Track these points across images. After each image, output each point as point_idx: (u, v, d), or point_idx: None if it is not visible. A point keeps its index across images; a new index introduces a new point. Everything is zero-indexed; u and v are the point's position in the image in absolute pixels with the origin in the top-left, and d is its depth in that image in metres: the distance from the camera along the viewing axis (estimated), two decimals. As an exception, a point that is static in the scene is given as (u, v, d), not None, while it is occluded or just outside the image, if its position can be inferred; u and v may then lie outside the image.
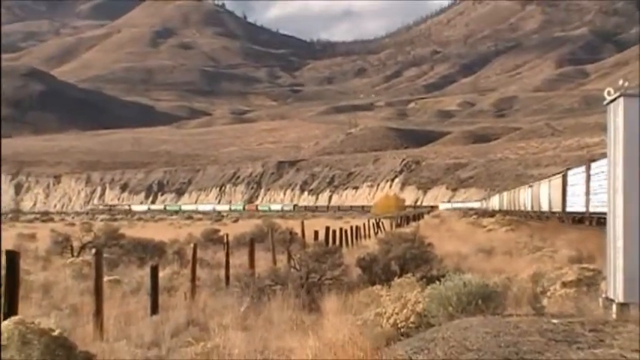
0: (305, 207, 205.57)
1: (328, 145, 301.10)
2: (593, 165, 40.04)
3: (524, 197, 77.40)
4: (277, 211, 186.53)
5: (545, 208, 59.84)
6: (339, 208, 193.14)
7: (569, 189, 48.67)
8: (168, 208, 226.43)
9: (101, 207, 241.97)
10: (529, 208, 70.61)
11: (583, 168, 43.35)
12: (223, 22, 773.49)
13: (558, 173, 56.97)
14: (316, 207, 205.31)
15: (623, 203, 11.14)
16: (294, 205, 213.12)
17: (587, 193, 41.08)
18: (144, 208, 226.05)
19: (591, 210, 40.04)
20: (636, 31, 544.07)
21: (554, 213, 54.74)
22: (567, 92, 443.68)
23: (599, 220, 36.78)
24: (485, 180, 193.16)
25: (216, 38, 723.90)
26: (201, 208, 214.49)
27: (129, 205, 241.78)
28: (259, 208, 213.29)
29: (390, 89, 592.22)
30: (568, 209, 48.58)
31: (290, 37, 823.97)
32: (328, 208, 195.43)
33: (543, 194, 61.08)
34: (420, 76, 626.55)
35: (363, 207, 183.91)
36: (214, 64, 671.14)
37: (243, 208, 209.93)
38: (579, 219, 44.21)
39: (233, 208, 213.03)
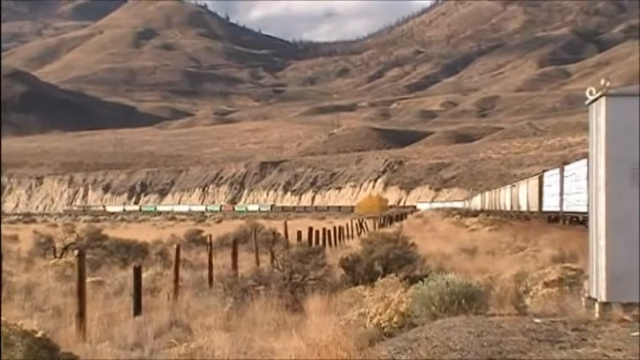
0: (282, 207, 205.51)
1: (311, 146, 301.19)
2: (567, 167, 42.56)
3: (504, 197, 79.82)
4: (254, 211, 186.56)
5: (524, 207, 62.31)
6: (315, 209, 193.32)
7: (545, 190, 50.91)
8: (143, 208, 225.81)
9: (75, 208, 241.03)
10: (509, 208, 72.86)
11: (557, 170, 45.87)
12: (206, 23, 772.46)
13: (535, 175, 59.51)
14: (294, 207, 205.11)
15: (605, 202, 11.17)
16: (272, 206, 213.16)
17: (561, 193, 43.50)
18: (119, 208, 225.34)
19: (565, 209, 42.55)
20: (617, 30, 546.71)
21: (532, 212, 56.88)
22: (549, 92, 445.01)
23: (571, 219, 40.13)
24: (468, 180, 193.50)
25: (198, 39, 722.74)
26: (177, 208, 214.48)
27: (103, 206, 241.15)
28: (236, 208, 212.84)
29: (372, 89, 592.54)
30: (544, 209, 50.92)
31: (272, 38, 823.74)
32: (305, 209, 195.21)
33: (522, 195, 63.50)
34: (402, 76, 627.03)
35: (339, 207, 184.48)
36: (197, 64, 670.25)
37: (220, 209, 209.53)
38: (554, 218, 46.43)
39: (209, 208, 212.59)
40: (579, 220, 37.27)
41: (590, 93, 11.59)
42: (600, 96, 11.37)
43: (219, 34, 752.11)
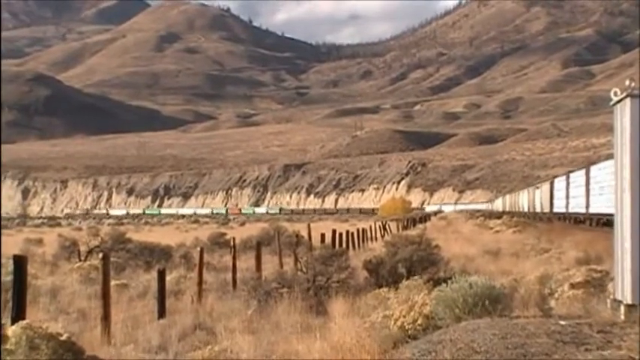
0: (292, 210, 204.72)
1: (334, 148, 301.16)
2: (572, 175, 50.59)
3: (522, 200, 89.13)
4: (262, 214, 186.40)
5: (538, 209, 70.02)
6: (325, 211, 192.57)
7: (555, 194, 58.88)
8: (147, 212, 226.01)
9: (78, 212, 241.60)
10: (526, 209, 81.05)
11: (564, 177, 54.28)
12: (228, 26, 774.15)
13: (547, 181, 69.29)
14: (303, 210, 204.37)
15: (631, 204, 11.10)
16: (280, 209, 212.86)
17: (567, 197, 51.41)
18: (122, 212, 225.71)
19: (570, 210, 50.13)
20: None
21: (545, 213, 64.25)
22: (573, 93, 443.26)
23: (576, 219, 47.92)
24: (491, 181, 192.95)
25: (221, 42, 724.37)
26: (181, 211, 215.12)
27: (107, 209, 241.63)
28: (243, 211, 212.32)
29: (395, 92, 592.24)
30: (555, 210, 58.39)
31: (295, 41, 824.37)
32: (315, 211, 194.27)
33: (537, 198, 71.76)
34: (425, 78, 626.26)
35: (360, 210, 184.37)
36: (219, 67, 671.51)
37: (226, 212, 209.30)
38: (562, 217, 53.96)
39: (215, 211, 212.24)
40: (581, 220, 45.42)
41: (615, 94, 11.53)
42: (625, 97, 11.30)
43: (242, 37, 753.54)
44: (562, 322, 10.71)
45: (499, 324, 10.62)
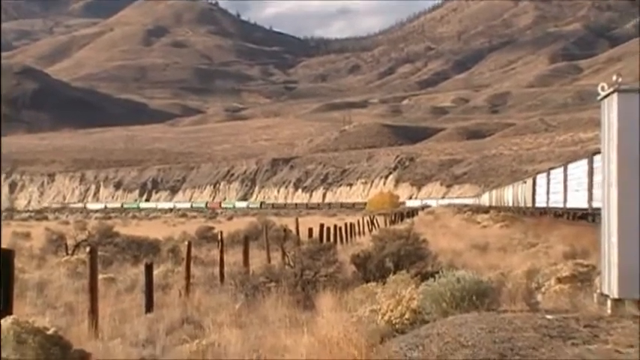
0: (272, 205, 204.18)
1: (322, 143, 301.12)
2: (552, 172, 53.42)
3: (507, 195, 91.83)
4: (242, 208, 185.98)
5: (522, 204, 72.68)
6: (307, 206, 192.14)
7: (537, 190, 61.57)
8: (125, 206, 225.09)
9: (54, 205, 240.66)
10: (511, 204, 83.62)
11: (545, 174, 57.32)
12: (216, 20, 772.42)
13: (529, 177, 71.60)
14: (285, 204, 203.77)
15: (618, 199, 11.14)
16: (261, 203, 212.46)
17: (548, 192, 54.19)
18: (100, 206, 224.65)
19: (550, 205, 52.85)
20: (630, 26, 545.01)
21: (527, 208, 66.86)
22: (561, 88, 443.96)
23: (555, 213, 50.43)
24: (479, 176, 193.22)
25: (209, 36, 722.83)
26: (160, 206, 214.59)
27: (84, 204, 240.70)
28: (223, 205, 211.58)
29: (383, 86, 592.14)
30: (537, 205, 61.04)
31: (283, 35, 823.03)
32: (297, 206, 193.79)
33: (520, 193, 75.25)
34: (413, 72, 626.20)
35: (341, 204, 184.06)
36: (208, 61, 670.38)
37: (206, 206, 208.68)
38: (543, 212, 56.12)
39: (195, 206, 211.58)
40: (560, 214, 48.56)
41: (602, 89, 11.56)
42: (612, 92, 11.33)
43: (230, 31, 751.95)
44: (549, 317, 10.73)
45: (486, 318, 10.64)
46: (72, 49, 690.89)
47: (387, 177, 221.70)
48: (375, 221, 61.56)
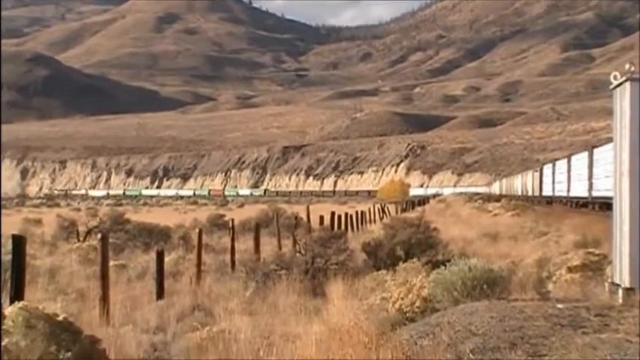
0: (277, 192, 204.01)
1: (333, 130, 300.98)
2: (557, 163, 58.43)
3: (516, 184, 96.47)
4: (245, 196, 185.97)
5: (530, 193, 76.96)
6: (311, 193, 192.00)
7: (543, 179, 66.07)
8: (127, 192, 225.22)
9: (56, 192, 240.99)
10: (519, 193, 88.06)
11: (551, 165, 62.39)
12: (228, 8, 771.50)
13: (537, 168, 76.65)
14: (289, 192, 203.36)
15: (630, 187, 11.11)
16: (265, 190, 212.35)
17: (553, 182, 59.04)
18: (102, 193, 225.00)
19: (556, 194, 57.11)
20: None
21: (535, 196, 70.67)
22: (573, 77, 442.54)
23: (560, 201, 54.95)
24: (490, 165, 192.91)
25: (220, 23, 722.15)
26: (163, 193, 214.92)
27: (85, 190, 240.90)
28: (226, 193, 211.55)
29: (395, 74, 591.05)
30: (543, 194, 65.39)
31: (295, 22, 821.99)
32: (302, 193, 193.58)
33: (529, 182, 79.10)
34: (425, 60, 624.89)
35: (345, 192, 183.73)
36: (219, 49, 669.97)
37: (209, 193, 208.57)
38: (550, 200, 60.23)
39: (197, 193, 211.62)
40: (564, 202, 52.53)
41: (615, 78, 11.53)
42: (625, 80, 11.30)
43: (242, 18, 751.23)
44: (559, 306, 10.72)
45: (497, 307, 10.64)
46: (84, 36, 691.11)
47: (398, 165, 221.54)
48: (386, 209, 61.57)
